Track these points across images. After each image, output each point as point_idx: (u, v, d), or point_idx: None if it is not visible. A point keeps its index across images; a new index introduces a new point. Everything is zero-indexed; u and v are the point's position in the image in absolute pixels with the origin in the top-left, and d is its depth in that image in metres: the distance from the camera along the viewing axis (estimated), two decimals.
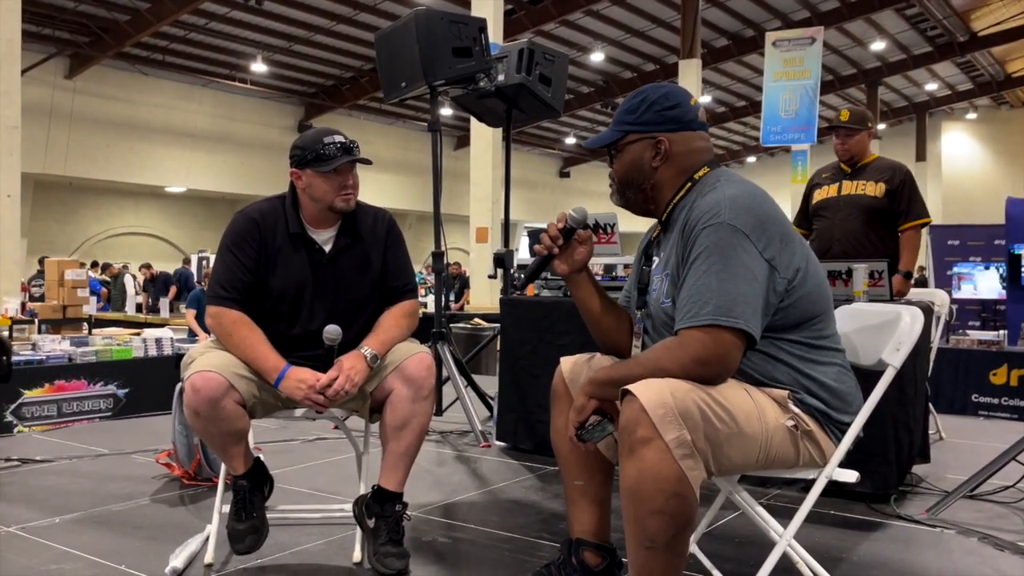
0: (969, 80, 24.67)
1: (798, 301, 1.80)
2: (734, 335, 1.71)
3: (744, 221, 1.76)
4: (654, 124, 1.94)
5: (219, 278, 2.46)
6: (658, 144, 1.93)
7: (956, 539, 2.75)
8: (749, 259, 1.74)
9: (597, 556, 2.08)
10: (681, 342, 1.73)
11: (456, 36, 4.35)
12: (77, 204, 21.28)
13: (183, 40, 18.04)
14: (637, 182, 1.97)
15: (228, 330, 2.40)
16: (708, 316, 1.70)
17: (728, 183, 1.86)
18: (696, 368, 1.70)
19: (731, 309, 1.70)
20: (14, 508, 3.07)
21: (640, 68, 21.89)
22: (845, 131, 4.21)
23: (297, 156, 2.48)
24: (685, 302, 1.75)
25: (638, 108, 1.96)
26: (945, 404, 5.91)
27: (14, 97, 9.26)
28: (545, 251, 2.05)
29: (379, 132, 23.46)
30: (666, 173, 1.95)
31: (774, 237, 1.77)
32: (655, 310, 1.95)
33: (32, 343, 6.38)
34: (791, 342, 1.82)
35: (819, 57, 13.66)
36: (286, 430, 4.40)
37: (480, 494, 3.34)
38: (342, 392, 2.32)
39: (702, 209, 1.80)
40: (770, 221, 1.79)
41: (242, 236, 2.48)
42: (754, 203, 1.80)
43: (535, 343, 3.95)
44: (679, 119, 1.95)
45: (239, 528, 2.39)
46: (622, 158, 1.98)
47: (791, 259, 1.79)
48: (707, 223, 1.77)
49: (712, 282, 1.72)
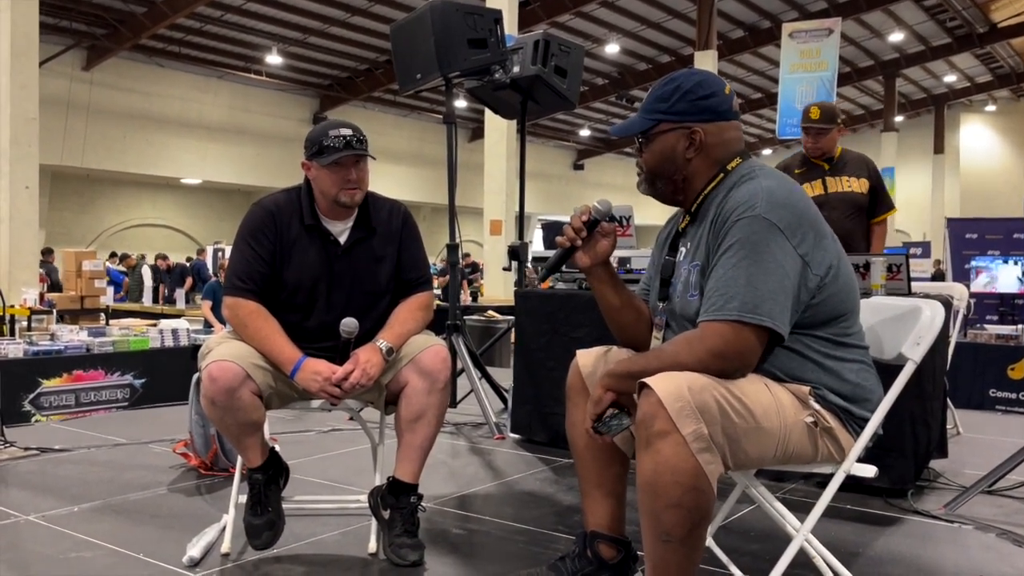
0: (988, 72, 24.43)
1: (828, 299, 1.78)
2: (757, 332, 1.69)
3: (779, 216, 1.73)
4: (688, 114, 1.88)
5: (235, 269, 2.47)
6: (692, 135, 1.88)
7: (974, 535, 2.73)
8: (782, 255, 1.71)
9: (612, 549, 2.08)
10: (701, 336, 1.72)
11: (471, 27, 4.34)
12: (94, 195, 21.42)
13: (199, 32, 18.09)
14: (668, 173, 1.92)
15: (244, 321, 2.41)
16: (733, 311, 1.68)
17: (763, 175, 1.83)
18: (714, 362, 1.69)
19: (758, 306, 1.68)
20: (34, 497, 3.10)
21: (655, 60, 21.78)
22: (817, 130, 4.18)
23: (306, 148, 2.50)
24: (711, 294, 1.73)
25: (671, 96, 1.89)
26: (963, 399, 5.85)
27: (32, 89, 9.30)
28: (568, 243, 2.01)
29: (394, 124, 23.48)
30: (699, 164, 1.90)
31: (808, 233, 1.75)
32: (680, 302, 1.91)
33: (50, 333, 6.43)
34: (818, 339, 1.80)
35: (836, 48, 13.56)
36: (301, 421, 4.42)
37: (495, 486, 3.34)
38: (358, 385, 2.33)
39: (737, 200, 1.77)
40: (805, 217, 1.76)
41: (258, 227, 2.48)
42: (790, 198, 1.77)
43: (549, 335, 3.94)
44: (714, 109, 1.89)
45: (255, 523, 2.40)
46: (652, 147, 1.92)
47: (824, 256, 1.77)
48: (741, 215, 1.74)
49: (741, 276, 1.70)
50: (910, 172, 27.16)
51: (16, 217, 9.12)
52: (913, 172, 27.31)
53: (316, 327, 2.49)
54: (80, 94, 18.10)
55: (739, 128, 1.95)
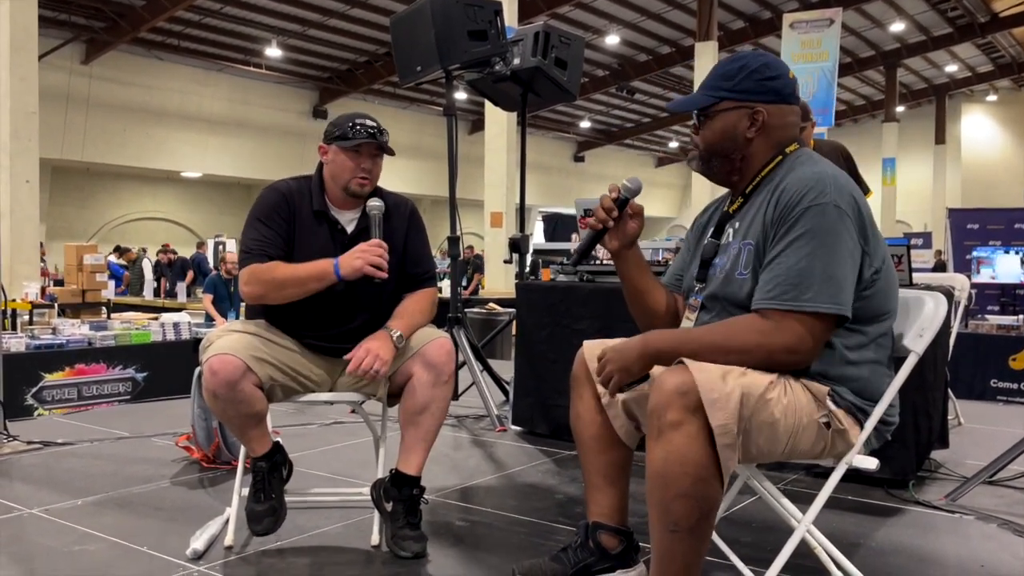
0: (990, 62, 24.36)
1: (875, 294, 1.76)
2: (827, 323, 1.68)
3: (848, 203, 1.71)
4: (753, 93, 1.85)
5: (249, 246, 2.45)
6: (756, 114, 1.85)
7: (975, 525, 2.73)
8: (852, 243, 1.70)
9: (614, 539, 2.09)
10: (776, 328, 1.68)
11: (471, 19, 4.33)
12: (94, 189, 21.42)
13: (198, 25, 18.04)
14: (727, 151, 1.88)
15: (268, 276, 2.39)
16: (809, 303, 1.66)
17: (822, 161, 1.81)
18: (785, 356, 1.68)
19: (835, 295, 1.66)
20: (37, 490, 3.11)
21: (656, 51, 21.71)
22: None
23: (327, 132, 2.53)
24: (781, 280, 1.69)
25: (736, 75, 1.86)
26: (964, 389, 5.86)
27: (31, 83, 9.29)
28: (600, 225, 1.96)
29: (393, 117, 23.42)
30: (759, 145, 1.87)
31: (867, 224, 1.74)
32: (722, 281, 1.86)
33: (52, 327, 6.44)
34: (856, 333, 1.76)
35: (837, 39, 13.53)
36: (304, 414, 4.42)
37: (497, 478, 3.35)
38: (379, 270, 2.34)
39: (804, 183, 1.74)
40: (866, 208, 1.76)
41: (272, 208, 2.49)
42: (851, 185, 1.76)
43: (551, 328, 3.94)
44: (779, 91, 1.87)
45: (257, 509, 2.41)
46: (713, 125, 1.88)
47: (878, 246, 1.76)
48: (813, 201, 1.70)
49: (816, 265, 1.67)
50: (911, 162, 27.12)
51: (17, 211, 9.11)
52: (914, 162, 27.27)
53: (322, 314, 2.49)
54: (80, 88, 18.08)
55: (798, 113, 1.93)
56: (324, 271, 2.37)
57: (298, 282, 2.38)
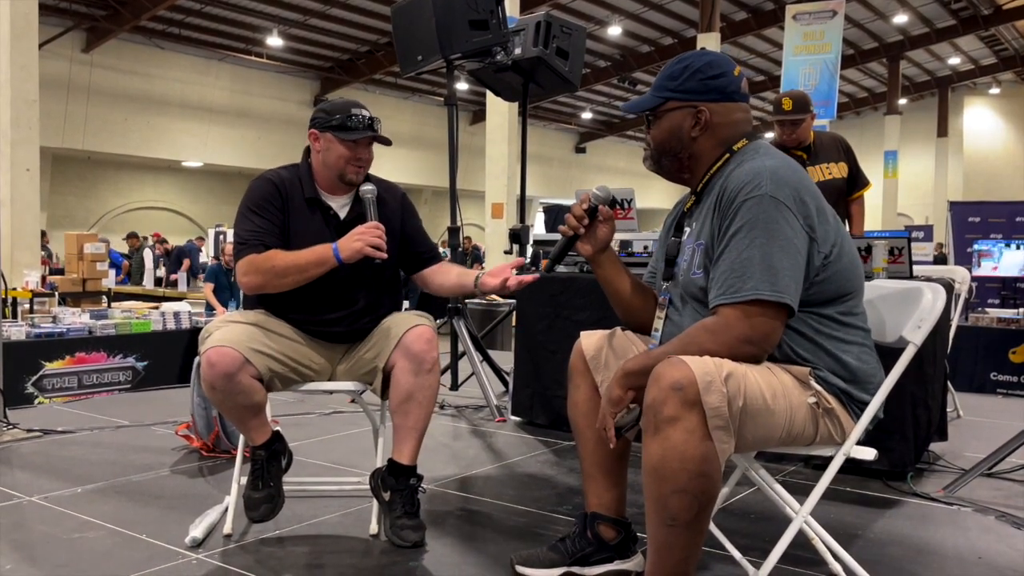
0: (993, 54, 24.26)
1: (834, 276, 1.78)
2: (776, 310, 1.69)
3: (786, 193, 1.73)
4: (695, 93, 1.89)
5: (243, 237, 2.45)
6: (698, 114, 1.89)
7: (973, 517, 2.74)
8: (792, 231, 1.71)
9: (612, 530, 2.10)
10: (726, 323, 1.71)
11: (473, 8, 4.31)
12: (95, 178, 21.38)
13: (199, 14, 17.98)
14: (674, 150, 1.94)
15: (267, 265, 2.38)
16: (750, 291, 1.68)
17: (766, 155, 1.83)
18: (743, 348, 1.69)
19: (775, 283, 1.68)
20: (37, 478, 3.12)
21: (658, 42, 21.64)
22: (792, 121, 4.15)
23: (320, 119, 2.51)
24: (726, 276, 1.73)
25: (680, 75, 1.91)
26: (963, 382, 5.86)
27: (32, 71, 9.26)
28: (571, 232, 2.04)
29: (394, 107, 23.38)
30: (704, 143, 1.91)
31: (811, 210, 1.76)
32: (684, 281, 1.92)
33: (53, 315, 6.44)
34: (821, 317, 1.80)
35: (840, 31, 13.47)
36: (303, 404, 4.43)
37: (496, 468, 3.36)
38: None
39: (741, 179, 1.77)
40: (809, 193, 1.77)
41: (265, 198, 2.49)
42: (794, 176, 1.77)
43: (551, 318, 3.95)
44: (721, 89, 1.90)
45: (255, 496, 2.43)
46: (660, 124, 1.94)
47: (827, 232, 1.77)
48: (749, 195, 1.74)
49: (755, 255, 1.70)
50: (913, 155, 27.06)
51: (17, 200, 9.10)
52: (916, 155, 27.22)
53: (319, 299, 2.49)
54: (80, 76, 18.03)
55: (747, 110, 1.96)
56: (324, 256, 2.37)
57: (299, 269, 2.38)
